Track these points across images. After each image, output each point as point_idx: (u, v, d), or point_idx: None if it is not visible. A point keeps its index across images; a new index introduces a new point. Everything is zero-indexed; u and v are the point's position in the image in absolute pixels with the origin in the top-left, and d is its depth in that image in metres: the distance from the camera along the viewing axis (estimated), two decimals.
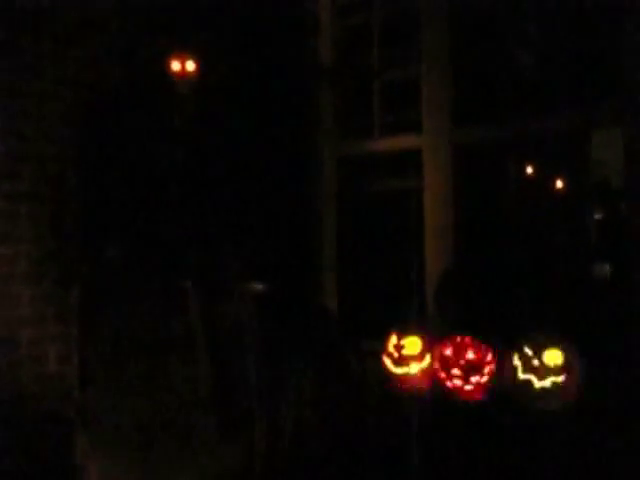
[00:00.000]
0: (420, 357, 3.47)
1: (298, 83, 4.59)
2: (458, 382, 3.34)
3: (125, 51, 4.00)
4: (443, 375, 3.40)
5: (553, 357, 3.14)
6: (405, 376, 3.48)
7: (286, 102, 4.47)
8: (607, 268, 3.99)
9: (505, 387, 3.27)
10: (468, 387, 3.32)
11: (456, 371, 3.34)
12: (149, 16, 4.06)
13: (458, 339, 3.42)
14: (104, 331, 3.69)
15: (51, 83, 3.78)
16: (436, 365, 3.43)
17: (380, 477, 3.39)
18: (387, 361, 3.55)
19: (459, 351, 3.38)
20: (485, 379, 3.32)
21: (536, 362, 3.16)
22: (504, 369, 3.29)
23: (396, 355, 3.51)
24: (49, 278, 3.75)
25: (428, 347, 3.48)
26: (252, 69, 4.33)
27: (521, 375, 3.19)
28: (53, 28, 3.78)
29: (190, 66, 4.04)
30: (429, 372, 3.46)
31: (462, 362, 3.34)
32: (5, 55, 3.61)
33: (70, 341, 3.76)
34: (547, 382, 3.11)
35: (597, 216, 4.23)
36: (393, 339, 3.57)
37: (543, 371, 3.12)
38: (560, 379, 3.10)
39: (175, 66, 4.02)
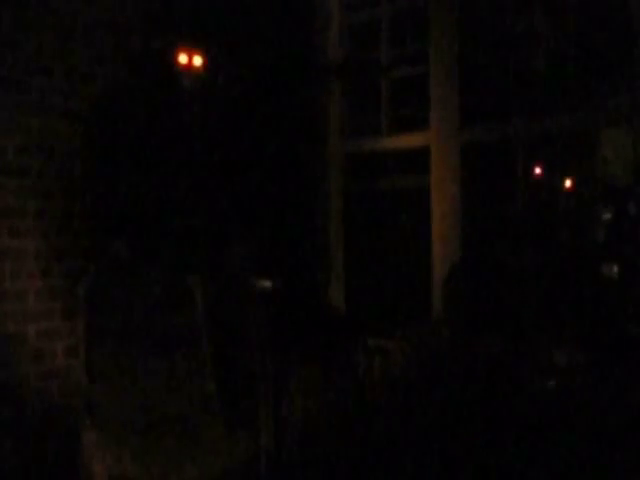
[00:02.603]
0: None
1: (306, 80, 4.58)
2: None
3: (133, 46, 4.00)
4: None
5: None
6: None
7: (294, 99, 4.46)
8: (615, 268, 3.97)
9: None
10: None
11: None
12: (158, 11, 4.07)
13: None
14: (111, 326, 3.69)
15: (59, 78, 3.78)
16: None
17: (385, 473, 3.39)
18: None
19: None
20: None
21: None
22: None
23: None
24: (57, 273, 3.75)
25: None
26: (260, 66, 4.33)
27: None
28: (61, 26, 3.78)
29: (197, 61, 4.03)
30: None
31: None
32: (12, 52, 3.61)
33: (77, 336, 3.75)
34: None
35: (605, 215, 4.21)
36: None
37: None
38: None
39: (182, 59, 4.01)
